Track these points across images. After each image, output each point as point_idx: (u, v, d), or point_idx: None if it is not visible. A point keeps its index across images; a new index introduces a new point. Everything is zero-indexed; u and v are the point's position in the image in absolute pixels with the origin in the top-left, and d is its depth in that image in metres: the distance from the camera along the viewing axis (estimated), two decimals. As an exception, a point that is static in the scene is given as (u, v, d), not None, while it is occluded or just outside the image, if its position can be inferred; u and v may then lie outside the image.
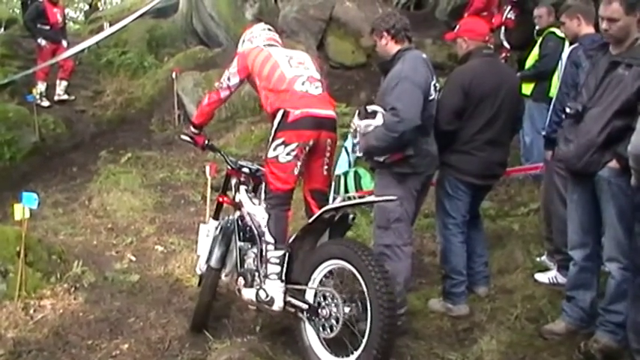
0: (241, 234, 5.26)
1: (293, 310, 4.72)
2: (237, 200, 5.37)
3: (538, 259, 6.41)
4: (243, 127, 11.55)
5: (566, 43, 7.42)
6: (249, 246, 5.19)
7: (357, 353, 4.26)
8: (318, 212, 4.74)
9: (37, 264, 5.24)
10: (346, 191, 7.58)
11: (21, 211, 5.59)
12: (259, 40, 5.50)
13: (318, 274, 4.64)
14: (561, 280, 5.69)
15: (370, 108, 5.10)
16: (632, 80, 4.37)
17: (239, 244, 5.21)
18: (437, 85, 5.36)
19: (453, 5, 13.30)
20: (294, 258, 4.88)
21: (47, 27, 13.15)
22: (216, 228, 5.40)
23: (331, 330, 4.46)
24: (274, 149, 4.88)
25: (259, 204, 5.16)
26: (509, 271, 6.36)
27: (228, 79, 5.33)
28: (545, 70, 7.84)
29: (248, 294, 4.99)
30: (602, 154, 4.51)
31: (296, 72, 5.07)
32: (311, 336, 4.62)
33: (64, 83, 13.29)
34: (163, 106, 12.91)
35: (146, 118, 12.77)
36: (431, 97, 5.22)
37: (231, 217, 5.39)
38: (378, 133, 4.99)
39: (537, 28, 8.69)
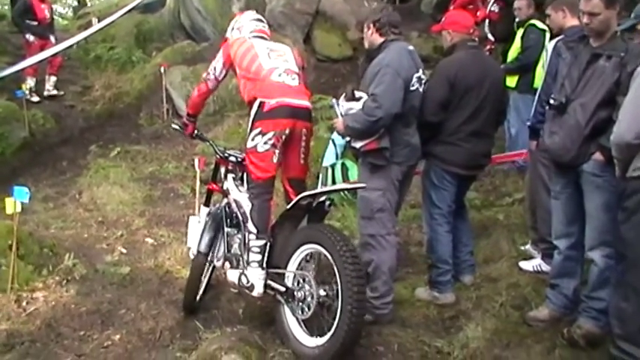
0: (229, 220, 5.40)
1: (272, 292, 4.91)
2: (224, 188, 5.51)
3: (522, 247, 6.44)
4: (232, 120, 11.54)
5: (547, 35, 7.51)
6: (236, 232, 5.32)
7: (330, 332, 4.44)
8: (295, 199, 4.91)
9: (29, 257, 5.24)
10: (334, 183, 7.59)
11: (12, 205, 5.58)
12: (246, 30, 5.58)
13: (296, 258, 4.82)
14: (545, 268, 5.73)
15: (357, 93, 5.21)
16: (612, 71, 4.45)
17: (227, 229, 5.35)
18: (422, 77, 5.38)
19: (438, -1, 13.36)
20: (274, 243, 5.06)
21: (35, 23, 13.06)
22: (207, 214, 5.56)
23: (307, 311, 4.65)
24: (252, 139, 5.00)
25: (245, 191, 5.28)
26: (495, 259, 6.40)
27: (215, 69, 5.49)
28: (529, 63, 7.90)
29: (231, 277, 5.16)
30: (589, 146, 4.56)
31: (274, 63, 5.16)
32: (289, 317, 4.82)
33: (53, 79, 13.22)
34: (152, 100, 12.86)
35: (135, 112, 12.74)
36: (413, 88, 5.25)
37: (220, 204, 5.56)
38: (356, 116, 5.09)
39: (517, 20, 8.76)
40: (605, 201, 4.57)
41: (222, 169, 5.62)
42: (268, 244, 5.02)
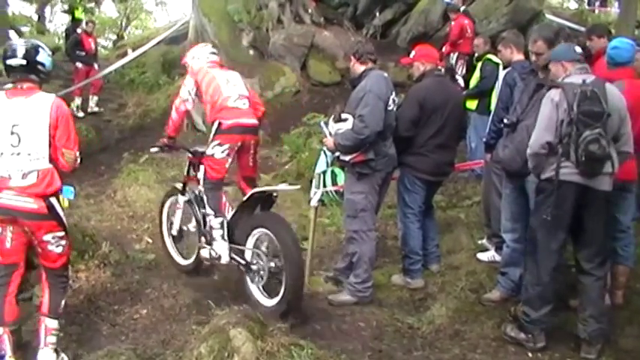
0: (201, 204, 5.61)
1: (237, 264, 5.27)
2: (198, 178, 5.63)
3: (479, 241, 6.41)
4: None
5: (501, 67, 7.53)
6: (204, 207, 5.54)
7: (280, 294, 4.86)
8: (249, 193, 5.32)
9: (74, 244, 5.18)
10: (324, 186, 7.55)
11: (62, 201, 5.53)
12: (202, 61, 5.79)
13: (252, 239, 5.15)
14: (498, 258, 5.70)
15: (343, 115, 5.24)
16: None
17: (202, 210, 5.58)
18: (395, 99, 5.42)
19: (412, 35, 13.33)
20: (235, 226, 5.37)
21: (83, 53, 13.16)
22: (185, 202, 5.87)
23: (262, 279, 5.06)
24: (212, 148, 5.33)
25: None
26: (456, 251, 6.39)
27: (190, 93, 5.65)
28: (485, 89, 7.93)
29: (204, 253, 5.51)
30: None
31: (230, 92, 5.45)
32: (250, 284, 5.18)
33: (95, 98, 13.27)
34: (174, 116, 12.82)
35: (160, 125, 12.50)
36: (389, 108, 5.28)
37: (195, 191, 5.77)
38: (346, 135, 5.14)
39: (476, 55, 8.80)
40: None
41: (195, 164, 5.74)
42: (225, 221, 5.37)
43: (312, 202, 6.22)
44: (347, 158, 5.23)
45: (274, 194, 5.46)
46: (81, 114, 12.75)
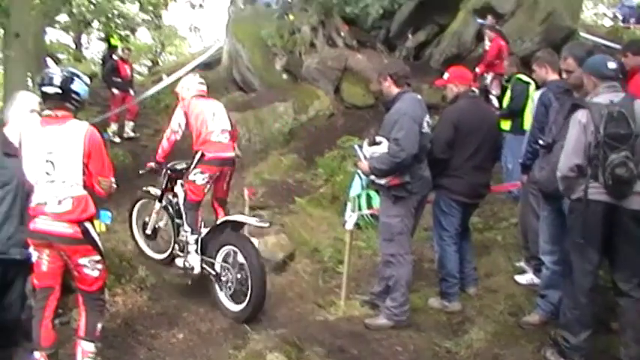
0: (176, 214, 6.37)
1: (207, 274, 5.97)
2: (175, 191, 6.39)
3: (517, 264, 6.32)
4: (275, 157, 11.53)
5: (532, 86, 7.55)
6: (181, 222, 6.27)
7: (246, 300, 5.57)
8: (223, 219, 6.15)
9: (111, 268, 5.27)
10: (359, 209, 7.55)
11: (99, 225, 5.63)
12: (192, 90, 6.49)
13: (221, 254, 5.88)
14: (537, 281, 5.62)
15: (377, 138, 5.23)
16: None
17: (177, 220, 6.35)
18: (429, 121, 5.42)
19: (445, 57, 13.29)
20: (208, 242, 6.09)
21: (119, 79, 13.36)
22: (161, 207, 6.59)
23: (230, 288, 5.75)
24: (194, 175, 6.14)
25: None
26: (494, 274, 6.29)
27: (179, 125, 6.34)
28: (516, 109, 8.02)
29: (178, 263, 6.22)
30: None
31: (215, 127, 6.21)
32: (219, 292, 5.88)
33: (131, 124, 13.43)
34: (209, 140, 12.93)
35: (195, 150, 12.82)
36: (424, 131, 5.27)
37: (172, 202, 6.49)
38: (382, 158, 5.13)
39: (506, 76, 8.85)
40: None
41: (173, 179, 6.47)
42: (200, 237, 6.10)
43: (347, 225, 6.23)
44: (382, 181, 5.22)
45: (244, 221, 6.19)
46: (117, 139, 12.95)
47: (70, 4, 16.94)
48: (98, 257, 4.32)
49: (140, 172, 6.71)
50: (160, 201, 6.58)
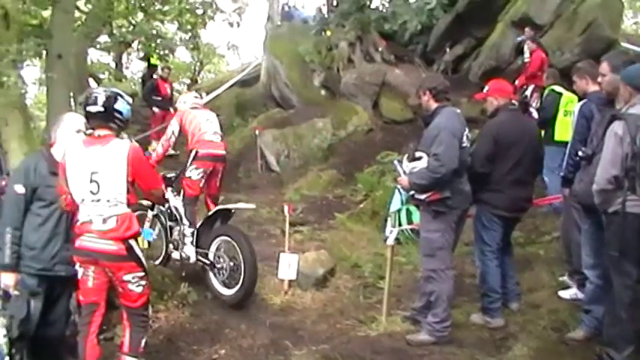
0: (169, 217, 6.89)
1: (202, 264, 6.49)
2: (166, 197, 6.45)
3: (560, 278, 6.24)
4: (314, 173, 11.60)
5: (563, 97, 7.51)
6: (174, 224, 6.81)
7: (238, 285, 6.14)
8: (214, 209, 6.71)
9: (154, 285, 5.35)
10: (400, 225, 7.55)
11: (141, 242, 5.72)
12: (188, 104, 7.19)
13: (215, 244, 6.43)
14: (581, 296, 5.53)
15: (417, 153, 5.23)
16: None
17: (169, 223, 6.87)
18: (469, 135, 5.40)
19: (484, 70, 13.26)
20: (202, 234, 6.60)
21: (159, 98, 13.59)
22: (153, 215, 7.00)
23: (224, 275, 6.32)
24: (190, 171, 6.70)
25: (180, 200, 6.82)
26: (537, 289, 6.22)
27: (174, 133, 7.01)
28: (546, 118, 8.01)
29: (175, 255, 6.71)
30: None
31: (207, 128, 6.85)
32: (212, 279, 6.42)
33: (171, 141, 13.63)
34: (248, 157, 13.02)
35: (234, 167, 12.90)
36: (463, 145, 5.26)
37: (163, 208, 6.93)
38: (421, 174, 5.12)
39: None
40: None
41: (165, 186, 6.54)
42: (196, 230, 6.59)
43: (388, 241, 6.22)
44: (422, 197, 5.21)
45: (232, 210, 6.84)
46: (158, 157, 13.17)
47: (110, 25, 17.39)
48: (142, 273, 4.39)
49: None
50: (152, 209, 6.97)
